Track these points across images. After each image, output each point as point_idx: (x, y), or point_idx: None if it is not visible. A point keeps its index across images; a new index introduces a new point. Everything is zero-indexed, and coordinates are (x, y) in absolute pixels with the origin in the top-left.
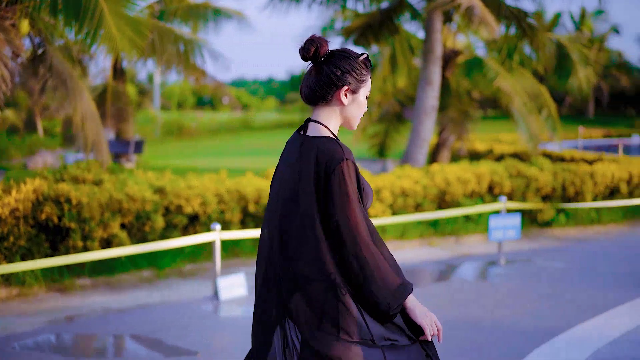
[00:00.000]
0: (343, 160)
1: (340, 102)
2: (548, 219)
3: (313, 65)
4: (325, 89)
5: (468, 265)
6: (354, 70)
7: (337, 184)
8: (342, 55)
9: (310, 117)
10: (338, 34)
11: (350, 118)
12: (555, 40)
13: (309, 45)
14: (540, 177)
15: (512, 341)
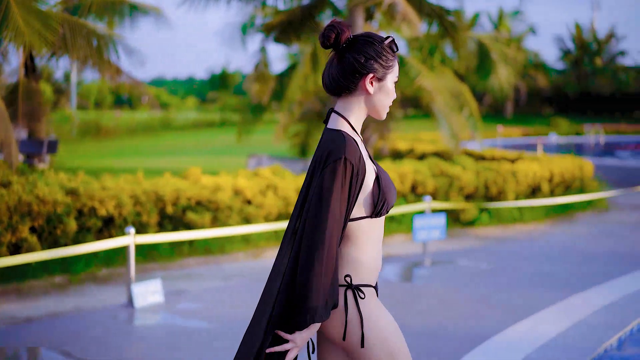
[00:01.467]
0: (340, 159)
1: (366, 91)
2: (471, 219)
3: (335, 53)
4: (348, 77)
5: (392, 266)
6: (379, 55)
7: (321, 180)
8: (365, 41)
9: (332, 108)
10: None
11: (378, 107)
12: (476, 40)
13: (329, 31)
14: (463, 176)
15: (441, 346)
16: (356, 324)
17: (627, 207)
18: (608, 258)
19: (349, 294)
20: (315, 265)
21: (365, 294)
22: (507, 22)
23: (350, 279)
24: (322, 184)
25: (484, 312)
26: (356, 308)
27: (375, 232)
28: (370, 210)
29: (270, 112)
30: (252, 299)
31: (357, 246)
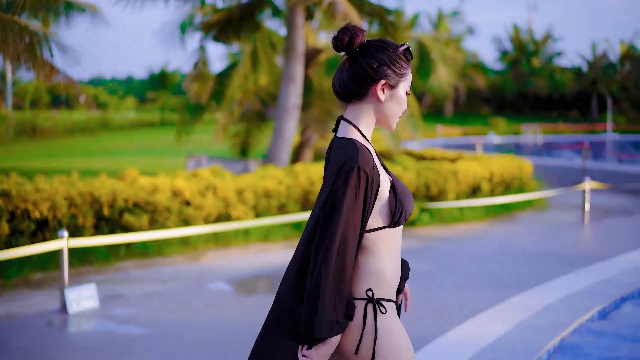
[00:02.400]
0: (353, 169)
1: (377, 99)
2: (412, 219)
3: (347, 57)
4: (360, 83)
5: None
6: (393, 62)
7: (336, 189)
8: (379, 46)
9: (342, 115)
10: (197, 29)
11: (388, 116)
12: (416, 40)
13: (342, 34)
14: (405, 176)
15: None
16: (371, 339)
17: (565, 206)
18: (549, 257)
19: (369, 308)
20: (328, 278)
21: (386, 308)
22: (446, 23)
23: (372, 293)
24: (335, 195)
25: (425, 314)
26: (374, 323)
27: (394, 242)
28: (388, 220)
29: (209, 112)
30: (191, 303)
31: (378, 257)
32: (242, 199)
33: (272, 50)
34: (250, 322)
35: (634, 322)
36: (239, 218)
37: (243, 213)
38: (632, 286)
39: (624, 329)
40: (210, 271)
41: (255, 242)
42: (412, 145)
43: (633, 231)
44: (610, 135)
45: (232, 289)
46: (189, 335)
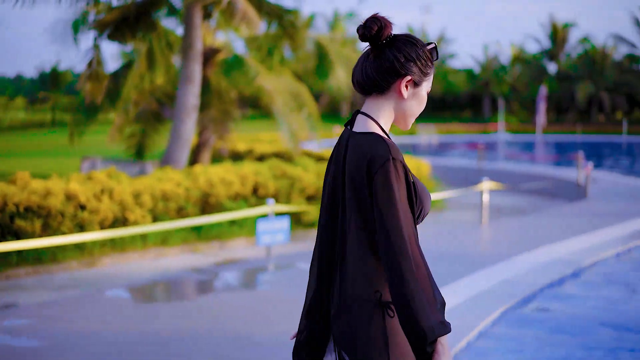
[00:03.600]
0: (388, 160)
1: (399, 95)
2: (313, 220)
3: (372, 49)
4: (384, 76)
5: (235, 272)
6: (420, 59)
7: (381, 187)
8: (407, 41)
9: (359, 109)
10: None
11: (407, 115)
12: (314, 40)
13: (372, 23)
14: (305, 177)
15: (289, 358)
16: (377, 344)
17: (463, 206)
18: (450, 258)
19: (377, 311)
20: (411, 283)
21: (394, 312)
22: (342, 24)
23: (380, 295)
24: (379, 197)
25: None
26: (382, 327)
27: None
28: None
29: (104, 112)
30: (89, 312)
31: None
32: (140, 202)
33: (168, 49)
34: (150, 331)
35: (537, 322)
36: (136, 222)
37: (140, 217)
38: (533, 286)
39: (528, 330)
40: (108, 277)
41: (153, 247)
42: (311, 145)
43: (529, 231)
44: (502, 135)
45: (130, 295)
46: (87, 346)
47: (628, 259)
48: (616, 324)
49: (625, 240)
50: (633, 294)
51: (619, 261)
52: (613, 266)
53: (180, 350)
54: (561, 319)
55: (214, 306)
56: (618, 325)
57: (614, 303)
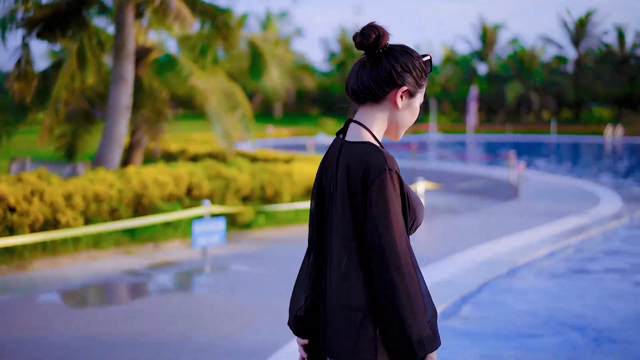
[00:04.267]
0: (385, 171)
1: (394, 105)
2: (248, 221)
3: (368, 57)
4: (381, 85)
5: (171, 275)
6: (415, 70)
7: (375, 197)
8: (403, 51)
9: (351, 118)
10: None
11: (400, 125)
12: (248, 40)
13: (370, 30)
14: (240, 178)
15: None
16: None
17: None
18: None
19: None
20: (402, 297)
21: None
22: (274, 24)
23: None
24: (374, 208)
25: (270, 320)
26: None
27: None
28: None
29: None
30: (20, 318)
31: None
32: (71, 203)
33: (100, 49)
34: (83, 335)
35: (474, 322)
36: (67, 224)
37: (72, 219)
38: (469, 286)
39: (465, 329)
40: (39, 282)
41: (85, 249)
42: (244, 146)
43: (465, 231)
44: (434, 135)
45: (63, 300)
46: (19, 352)
47: (562, 257)
48: (553, 321)
49: (558, 238)
50: (568, 292)
51: (553, 259)
52: (548, 264)
53: (115, 356)
54: (497, 318)
55: (148, 310)
56: (555, 323)
57: (549, 301)
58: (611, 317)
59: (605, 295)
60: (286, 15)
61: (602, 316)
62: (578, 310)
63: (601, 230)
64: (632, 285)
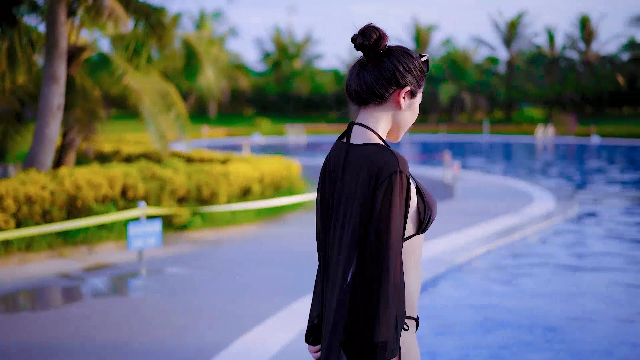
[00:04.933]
0: (396, 173)
1: (397, 105)
2: (184, 222)
3: (368, 58)
4: (385, 86)
5: (106, 278)
6: (416, 70)
7: (382, 198)
8: (404, 52)
9: (354, 121)
10: None
11: (402, 125)
12: (183, 39)
13: (371, 32)
14: (176, 179)
15: None
16: None
17: None
18: None
19: None
20: (382, 297)
21: (409, 325)
22: (208, 23)
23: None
24: (382, 205)
25: (207, 324)
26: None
27: (418, 251)
28: (416, 227)
29: None
30: None
31: (404, 270)
32: (2, 206)
33: (31, 47)
34: (16, 341)
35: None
36: None
37: (3, 221)
38: None
39: None
40: None
41: (17, 253)
42: (179, 146)
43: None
44: None
45: None
46: None
47: (497, 256)
48: (490, 319)
49: (493, 237)
50: (504, 290)
51: (489, 258)
52: (484, 263)
53: None
54: (436, 317)
55: (83, 314)
56: (492, 321)
57: (486, 299)
58: (548, 314)
59: (541, 293)
60: (220, 15)
61: (539, 313)
62: (515, 309)
63: (535, 229)
64: (566, 283)
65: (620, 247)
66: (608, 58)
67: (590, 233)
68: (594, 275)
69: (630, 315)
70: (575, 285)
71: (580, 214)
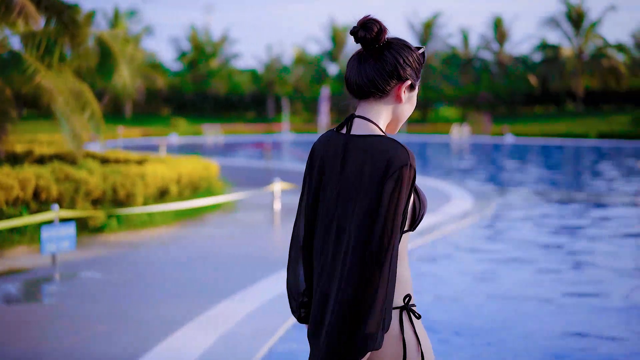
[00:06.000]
0: (407, 166)
1: (397, 98)
2: (100, 225)
3: (368, 51)
4: (387, 79)
5: (18, 283)
6: (415, 63)
7: (391, 191)
8: (403, 45)
9: (354, 113)
10: None
11: (400, 118)
12: (97, 38)
13: (372, 24)
14: (90, 181)
15: None
16: (414, 347)
17: (254, 206)
18: (245, 261)
19: (405, 315)
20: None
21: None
22: (123, 22)
23: (409, 299)
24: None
25: (124, 330)
26: (412, 330)
27: (406, 245)
28: (410, 223)
29: None
30: None
31: (402, 263)
32: None
33: None
34: None
35: None
36: None
37: None
38: None
39: None
40: None
41: None
42: (94, 147)
43: None
44: (287, 135)
45: None
46: None
47: (416, 256)
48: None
49: (412, 236)
50: (424, 289)
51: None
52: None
53: None
54: None
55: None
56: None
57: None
58: (466, 315)
59: (460, 293)
60: (135, 14)
61: (457, 315)
62: (433, 310)
63: (453, 228)
64: (483, 283)
65: (537, 244)
66: (521, 59)
67: (508, 231)
68: (512, 273)
69: (546, 316)
70: (493, 283)
71: (497, 212)
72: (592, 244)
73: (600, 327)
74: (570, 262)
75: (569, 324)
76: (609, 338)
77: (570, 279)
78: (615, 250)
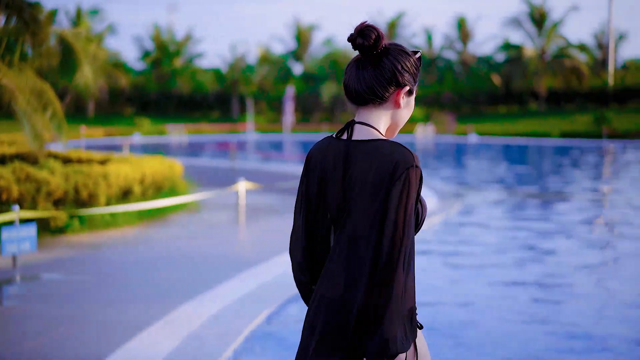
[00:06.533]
0: (412, 167)
1: (396, 104)
2: (62, 225)
3: (366, 58)
4: (385, 87)
5: None
6: (412, 68)
7: (398, 193)
8: (401, 50)
9: (354, 119)
10: None
11: (399, 123)
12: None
13: (369, 31)
14: (52, 181)
15: None
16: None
17: (218, 206)
18: (209, 261)
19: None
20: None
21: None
22: (86, 20)
23: (414, 310)
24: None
25: (87, 333)
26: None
27: None
28: None
29: None
30: None
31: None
32: None
33: None
34: None
35: (301, 323)
36: None
37: None
38: (293, 287)
39: (294, 330)
40: None
41: None
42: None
43: (286, 231)
44: (252, 135)
45: None
46: None
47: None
48: None
49: None
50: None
51: None
52: None
53: None
54: None
55: None
56: None
57: None
58: (436, 312)
59: (424, 290)
60: (98, 12)
61: (426, 313)
62: None
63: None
64: (446, 281)
65: (503, 243)
66: (484, 58)
67: (472, 230)
68: (478, 272)
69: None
70: (459, 283)
71: (463, 211)
72: (553, 240)
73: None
74: (532, 259)
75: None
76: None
77: (534, 275)
78: (574, 246)
